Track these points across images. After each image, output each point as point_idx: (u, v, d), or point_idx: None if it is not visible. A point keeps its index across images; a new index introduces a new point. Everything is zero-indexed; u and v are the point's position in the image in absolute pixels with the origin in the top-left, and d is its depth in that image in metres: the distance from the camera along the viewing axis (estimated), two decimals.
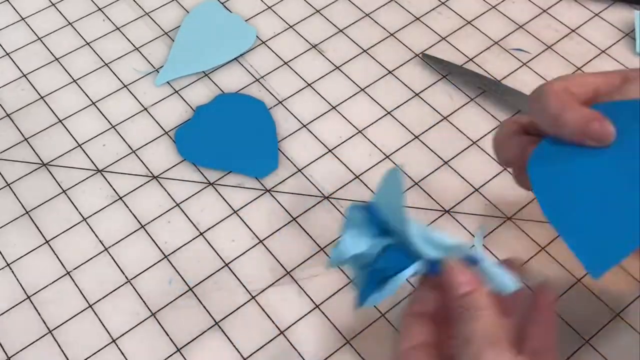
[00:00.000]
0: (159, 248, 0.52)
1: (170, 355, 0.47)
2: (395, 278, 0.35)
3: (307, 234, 0.52)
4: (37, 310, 0.49)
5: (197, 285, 0.50)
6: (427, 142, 0.57)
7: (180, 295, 0.50)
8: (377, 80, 0.61)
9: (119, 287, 0.50)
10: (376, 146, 0.57)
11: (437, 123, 0.57)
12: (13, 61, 0.63)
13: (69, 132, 0.58)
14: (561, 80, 0.37)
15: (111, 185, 0.55)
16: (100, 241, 0.52)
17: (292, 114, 0.59)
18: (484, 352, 0.32)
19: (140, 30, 0.65)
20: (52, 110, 0.59)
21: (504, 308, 0.35)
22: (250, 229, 0.53)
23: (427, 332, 0.36)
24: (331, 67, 0.62)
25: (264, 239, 0.52)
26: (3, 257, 0.52)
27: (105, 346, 0.48)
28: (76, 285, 0.50)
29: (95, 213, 0.53)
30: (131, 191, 0.55)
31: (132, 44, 0.64)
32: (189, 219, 0.53)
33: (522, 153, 0.38)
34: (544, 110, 0.36)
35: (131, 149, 0.57)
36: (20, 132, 0.58)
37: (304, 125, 0.58)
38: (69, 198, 0.54)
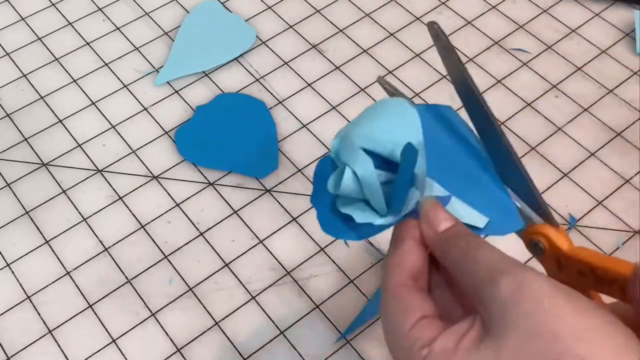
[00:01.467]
0: (159, 248, 0.52)
1: (170, 355, 0.47)
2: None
3: (307, 234, 0.52)
4: (37, 310, 0.49)
5: (197, 285, 0.50)
6: None
7: (180, 295, 0.50)
8: (376, 80, 0.61)
9: (119, 287, 0.50)
10: None
11: None
12: (13, 61, 0.63)
13: (69, 132, 0.58)
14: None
15: (111, 185, 0.55)
16: (100, 241, 0.52)
17: (292, 114, 0.59)
18: (499, 279, 0.29)
19: (140, 30, 0.65)
20: (52, 110, 0.59)
21: None
22: (250, 229, 0.53)
23: (426, 301, 0.33)
24: (331, 67, 0.62)
25: (264, 239, 0.52)
26: (3, 257, 0.52)
27: (105, 346, 0.48)
28: (76, 285, 0.50)
29: (95, 213, 0.53)
30: (131, 191, 0.55)
31: (132, 44, 0.64)
32: (189, 219, 0.53)
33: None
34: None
35: (131, 149, 0.57)
36: (20, 132, 0.58)
37: (304, 125, 0.58)
38: (69, 198, 0.54)
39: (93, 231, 0.53)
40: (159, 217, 0.53)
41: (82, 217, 0.53)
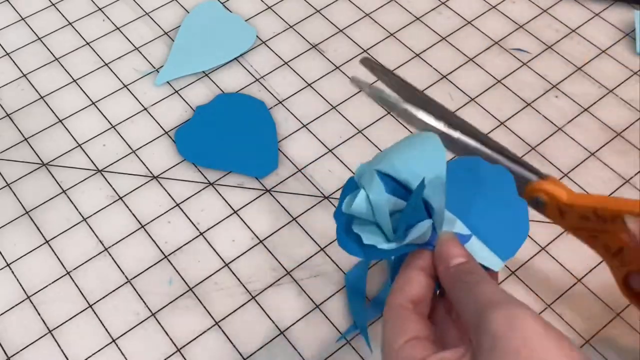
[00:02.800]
0: (159, 248, 0.52)
1: (170, 355, 0.47)
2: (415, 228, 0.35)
3: (307, 234, 0.52)
4: (37, 310, 0.49)
5: (197, 285, 0.50)
6: None
7: (180, 295, 0.50)
8: (377, 80, 0.61)
9: (119, 287, 0.50)
10: (376, 146, 0.57)
11: None
12: (13, 61, 0.63)
13: (69, 132, 0.58)
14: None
15: (111, 185, 0.55)
16: (100, 241, 0.52)
17: (292, 114, 0.59)
18: (492, 312, 0.30)
19: (140, 30, 0.65)
20: (52, 110, 0.59)
21: None
22: (250, 229, 0.53)
23: (422, 323, 0.34)
24: (331, 67, 0.62)
25: (264, 239, 0.52)
26: (3, 257, 0.52)
27: (105, 346, 0.48)
28: (76, 285, 0.50)
29: (95, 213, 0.53)
30: (131, 191, 0.55)
31: (132, 44, 0.64)
32: (189, 219, 0.53)
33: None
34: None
35: (131, 149, 0.57)
36: (20, 132, 0.58)
37: (304, 125, 0.58)
38: (69, 198, 0.54)
39: (93, 231, 0.53)
40: (159, 217, 0.53)
41: (82, 217, 0.53)
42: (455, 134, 0.43)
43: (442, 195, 0.34)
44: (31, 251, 0.52)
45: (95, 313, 0.49)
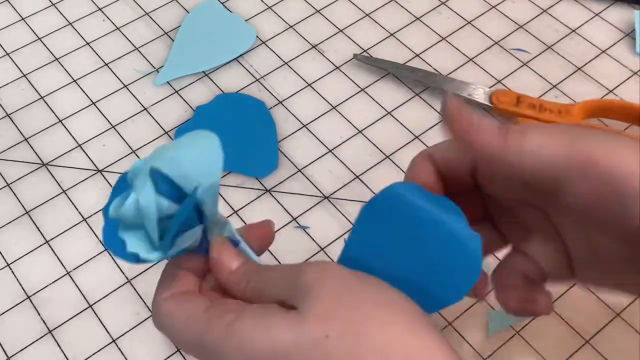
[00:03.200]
0: None
1: (171, 355, 0.47)
2: (188, 233, 0.33)
3: (307, 233, 0.52)
4: (37, 310, 0.49)
5: None
6: (428, 142, 0.57)
7: None
8: (377, 80, 0.61)
9: (119, 287, 0.50)
10: (376, 146, 0.57)
11: (437, 123, 0.58)
12: (13, 61, 0.63)
13: (69, 132, 0.58)
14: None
15: (111, 185, 0.55)
16: (100, 241, 0.52)
17: (292, 114, 0.59)
18: (302, 268, 0.32)
19: (140, 30, 0.65)
20: (52, 110, 0.59)
21: None
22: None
23: (192, 281, 0.34)
24: (331, 67, 0.62)
25: None
26: (3, 257, 0.52)
27: (105, 346, 0.48)
28: (76, 285, 0.50)
29: (95, 213, 0.53)
30: None
31: (132, 44, 0.64)
32: None
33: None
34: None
35: (131, 149, 0.57)
36: (20, 132, 0.58)
37: (304, 125, 0.58)
38: (69, 198, 0.54)
39: (93, 231, 0.53)
40: None
41: (82, 217, 0.53)
42: None
43: (216, 201, 0.33)
44: (31, 251, 0.52)
45: (95, 313, 0.49)
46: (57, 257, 0.52)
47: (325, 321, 0.29)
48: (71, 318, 0.49)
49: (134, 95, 0.60)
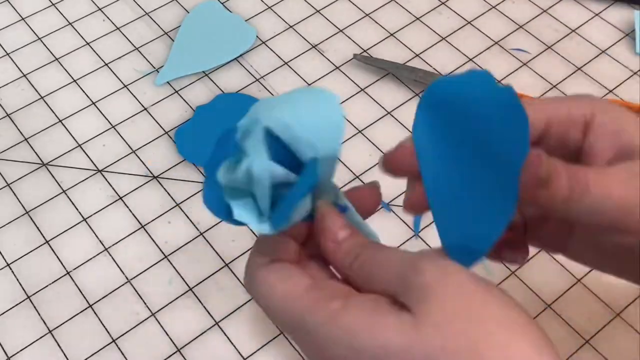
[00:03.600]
0: (159, 248, 0.52)
1: (170, 355, 0.47)
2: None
3: None
4: (37, 310, 0.49)
5: (197, 285, 0.50)
6: None
7: (180, 295, 0.50)
8: (377, 80, 0.61)
9: (119, 287, 0.50)
10: (376, 146, 0.57)
11: None
12: (13, 61, 0.63)
13: (69, 132, 0.58)
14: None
15: (111, 185, 0.55)
16: (100, 241, 0.52)
17: None
18: (419, 263, 0.29)
19: (140, 30, 0.65)
20: (52, 110, 0.59)
21: None
22: (250, 229, 0.52)
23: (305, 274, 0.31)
24: (331, 67, 0.62)
25: None
26: (3, 257, 0.52)
27: (105, 346, 0.48)
28: (76, 285, 0.50)
29: (95, 213, 0.53)
30: (131, 191, 0.55)
31: (132, 44, 0.64)
32: (189, 219, 0.53)
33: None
34: None
35: (131, 149, 0.57)
36: (20, 132, 0.58)
37: None
38: (69, 198, 0.54)
39: (93, 231, 0.53)
40: (159, 217, 0.53)
41: (82, 217, 0.53)
42: None
43: (333, 170, 0.30)
44: (31, 251, 0.52)
45: (95, 313, 0.49)
46: (57, 257, 0.52)
47: (442, 333, 0.27)
48: (71, 318, 0.49)
49: (134, 95, 0.60)
